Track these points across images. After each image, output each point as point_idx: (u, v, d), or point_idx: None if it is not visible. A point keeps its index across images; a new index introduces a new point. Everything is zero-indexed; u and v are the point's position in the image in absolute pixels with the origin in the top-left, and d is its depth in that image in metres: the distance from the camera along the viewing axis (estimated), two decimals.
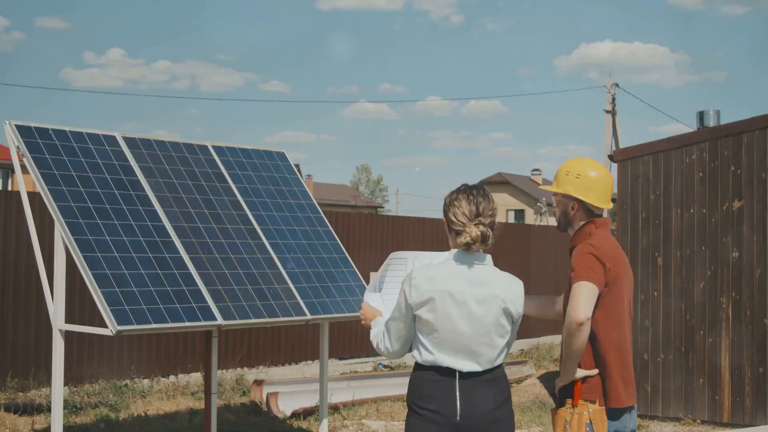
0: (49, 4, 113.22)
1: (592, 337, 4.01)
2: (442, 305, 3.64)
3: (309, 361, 13.06)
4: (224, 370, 11.61)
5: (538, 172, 68.46)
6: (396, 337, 3.78)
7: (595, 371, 4.03)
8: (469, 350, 3.66)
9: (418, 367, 3.73)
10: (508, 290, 3.73)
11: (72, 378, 9.99)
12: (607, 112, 29.20)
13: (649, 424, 9.46)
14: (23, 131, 6.22)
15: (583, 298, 3.88)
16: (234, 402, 9.88)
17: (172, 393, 10.07)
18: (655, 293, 9.76)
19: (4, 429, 8.09)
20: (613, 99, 29.17)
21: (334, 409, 9.59)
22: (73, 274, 6.49)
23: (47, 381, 9.37)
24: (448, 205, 3.77)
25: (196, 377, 11.14)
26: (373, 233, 14.19)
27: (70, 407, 8.84)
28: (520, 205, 61.47)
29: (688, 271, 9.61)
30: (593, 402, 3.99)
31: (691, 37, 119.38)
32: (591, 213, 4.24)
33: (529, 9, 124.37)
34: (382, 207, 77.96)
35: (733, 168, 9.41)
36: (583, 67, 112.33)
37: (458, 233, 3.71)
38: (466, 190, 3.77)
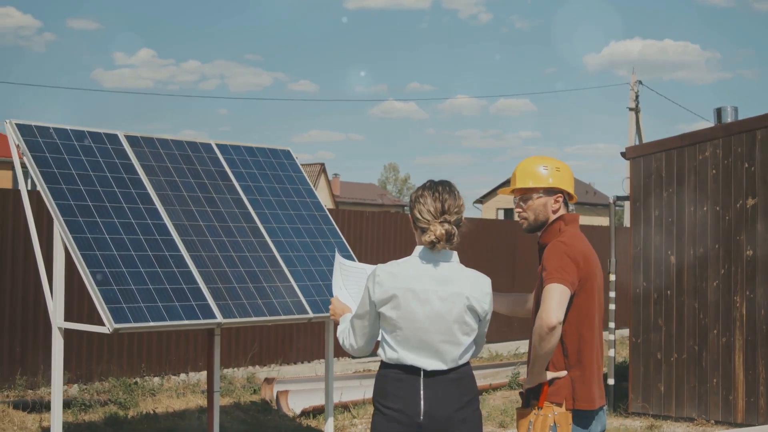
0: (79, 6, 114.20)
1: (565, 338, 3.92)
2: (405, 302, 3.60)
3: (322, 360, 13.03)
4: (236, 368, 11.62)
5: None
6: (361, 334, 3.74)
7: (564, 373, 3.94)
8: (433, 348, 3.61)
9: (383, 365, 3.69)
10: (473, 287, 3.67)
11: (82, 376, 10.05)
12: (631, 109, 29.03)
13: (662, 425, 9.35)
14: (24, 130, 6.23)
15: (555, 301, 3.77)
16: (244, 400, 9.87)
17: (182, 391, 10.08)
18: (668, 292, 9.65)
19: (13, 426, 8.13)
20: (637, 96, 28.99)
21: (344, 407, 9.56)
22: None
23: None
24: (414, 201, 3.72)
25: None
26: (387, 231, 14.14)
27: (79, 405, 8.87)
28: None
29: (701, 269, 9.49)
30: (559, 404, 3.89)
31: (722, 34, 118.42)
32: (566, 208, 4.16)
33: (558, 6, 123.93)
34: None
35: (746, 165, 9.28)
36: (612, 65, 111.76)
37: (423, 231, 3.67)
38: (431, 187, 3.71)
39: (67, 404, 8.81)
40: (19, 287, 9.79)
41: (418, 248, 3.71)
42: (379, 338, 3.73)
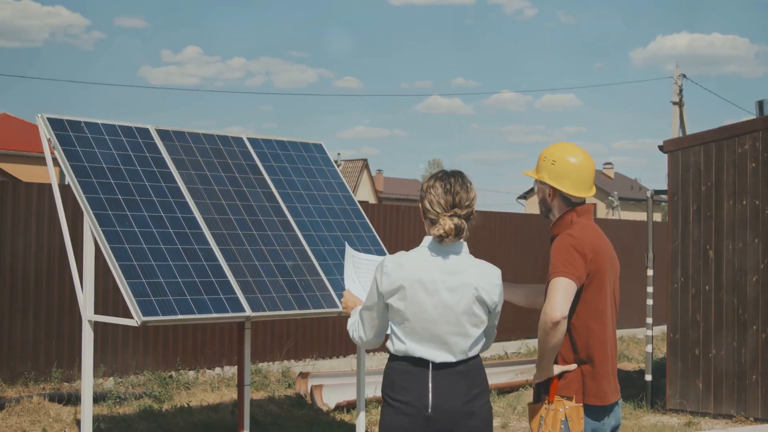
0: (127, 4, 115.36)
1: (574, 332, 3.85)
2: (413, 293, 3.54)
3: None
4: (271, 363, 11.64)
5: (610, 166, 67.68)
6: (370, 326, 3.70)
7: (574, 366, 3.87)
8: (441, 340, 3.55)
9: (392, 357, 3.64)
10: (482, 278, 3.61)
11: (117, 369, 10.12)
12: (674, 103, 28.69)
13: (700, 422, 9.22)
14: (55, 124, 6.27)
15: (560, 295, 3.70)
16: (279, 394, 9.90)
17: (216, 385, 10.13)
18: (707, 287, 9.50)
19: (48, 418, 8.21)
20: (680, 90, 28.63)
21: (379, 402, 9.53)
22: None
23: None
24: (425, 191, 3.66)
25: None
26: (423, 226, 14.06)
27: (114, 398, 8.95)
28: (591, 199, 60.78)
29: (740, 264, 9.33)
30: (570, 398, 3.83)
31: None
32: (569, 201, 4.05)
33: (603, 1, 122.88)
34: None
35: None
36: (659, 60, 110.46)
37: (432, 222, 3.62)
38: (443, 178, 3.65)
39: (102, 397, 8.89)
40: (54, 280, 9.89)
41: (427, 238, 3.66)
42: (388, 331, 3.69)
